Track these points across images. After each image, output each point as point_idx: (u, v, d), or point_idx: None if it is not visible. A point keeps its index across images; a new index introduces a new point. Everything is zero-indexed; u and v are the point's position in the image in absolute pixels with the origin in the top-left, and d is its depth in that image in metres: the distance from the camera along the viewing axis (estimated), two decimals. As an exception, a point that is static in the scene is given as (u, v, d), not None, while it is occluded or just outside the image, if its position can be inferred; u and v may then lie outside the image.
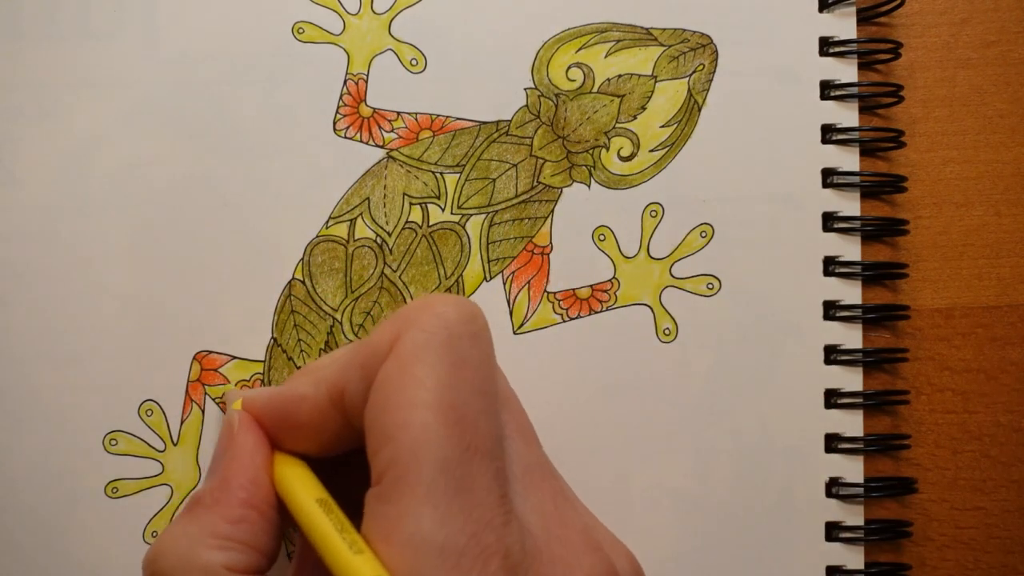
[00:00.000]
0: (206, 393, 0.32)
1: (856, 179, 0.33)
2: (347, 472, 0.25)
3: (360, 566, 0.21)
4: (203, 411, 0.32)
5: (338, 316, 0.32)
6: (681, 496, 0.32)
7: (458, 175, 0.32)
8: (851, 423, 0.32)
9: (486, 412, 0.23)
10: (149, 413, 0.32)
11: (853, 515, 0.32)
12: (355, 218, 0.32)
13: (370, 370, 0.23)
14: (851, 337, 0.33)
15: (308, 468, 0.25)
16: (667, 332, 0.32)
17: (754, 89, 0.33)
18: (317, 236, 0.32)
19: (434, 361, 0.22)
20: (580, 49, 0.33)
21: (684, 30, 0.33)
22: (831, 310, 0.33)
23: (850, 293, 0.33)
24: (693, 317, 0.32)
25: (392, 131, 0.32)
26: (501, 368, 0.27)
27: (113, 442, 0.31)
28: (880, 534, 0.32)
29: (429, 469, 0.21)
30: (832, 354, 0.33)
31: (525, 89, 0.33)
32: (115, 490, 0.31)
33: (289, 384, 0.26)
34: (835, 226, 0.33)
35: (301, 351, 0.32)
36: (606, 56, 0.33)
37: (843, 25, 0.33)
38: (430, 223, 0.32)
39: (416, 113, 0.32)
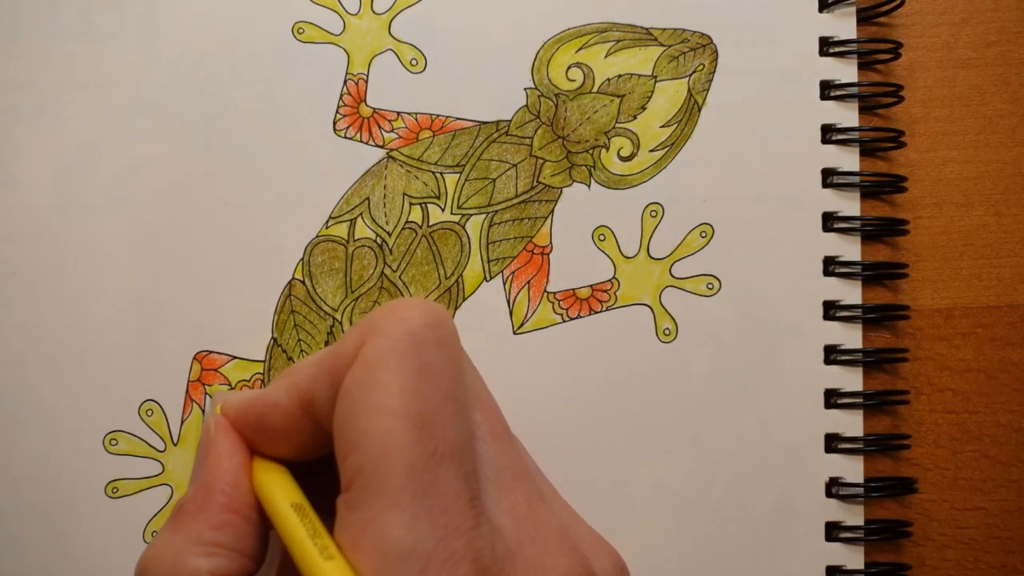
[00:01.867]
0: (206, 393, 0.32)
1: (856, 179, 0.33)
2: (330, 475, 0.25)
3: (329, 572, 0.21)
4: (203, 411, 0.32)
5: (338, 316, 0.32)
6: (681, 496, 0.32)
7: (458, 175, 0.32)
8: (851, 423, 0.32)
9: (454, 416, 0.23)
10: (149, 413, 0.32)
11: (853, 515, 0.32)
12: (355, 218, 0.32)
13: (337, 377, 0.23)
14: (851, 337, 0.33)
15: (286, 472, 0.25)
16: (667, 332, 0.32)
17: (754, 89, 0.33)
18: (317, 236, 0.32)
19: (398, 367, 0.22)
20: (580, 49, 0.33)
21: (684, 30, 0.33)
22: (831, 310, 0.33)
23: (850, 293, 0.33)
24: (693, 317, 0.32)
25: (392, 131, 0.32)
26: (489, 369, 0.27)
27: (113, 442, 0.31)
28: (880, 534, 0.32)
29: (395, 475, 0.21)
30: (832, 354, 0.33)
31: (525, 89, 0.33)
32: (115, 490, 0.31)
33: (268, 388, 0.26)
34: (835, 226, 0.33)
35: (301, 351, 0.32)
36: (606, 56, 0.33)
37: (843, 25, 0.33)
38: (430, 223, 0.32)
39: (416, 113, 0.32)
